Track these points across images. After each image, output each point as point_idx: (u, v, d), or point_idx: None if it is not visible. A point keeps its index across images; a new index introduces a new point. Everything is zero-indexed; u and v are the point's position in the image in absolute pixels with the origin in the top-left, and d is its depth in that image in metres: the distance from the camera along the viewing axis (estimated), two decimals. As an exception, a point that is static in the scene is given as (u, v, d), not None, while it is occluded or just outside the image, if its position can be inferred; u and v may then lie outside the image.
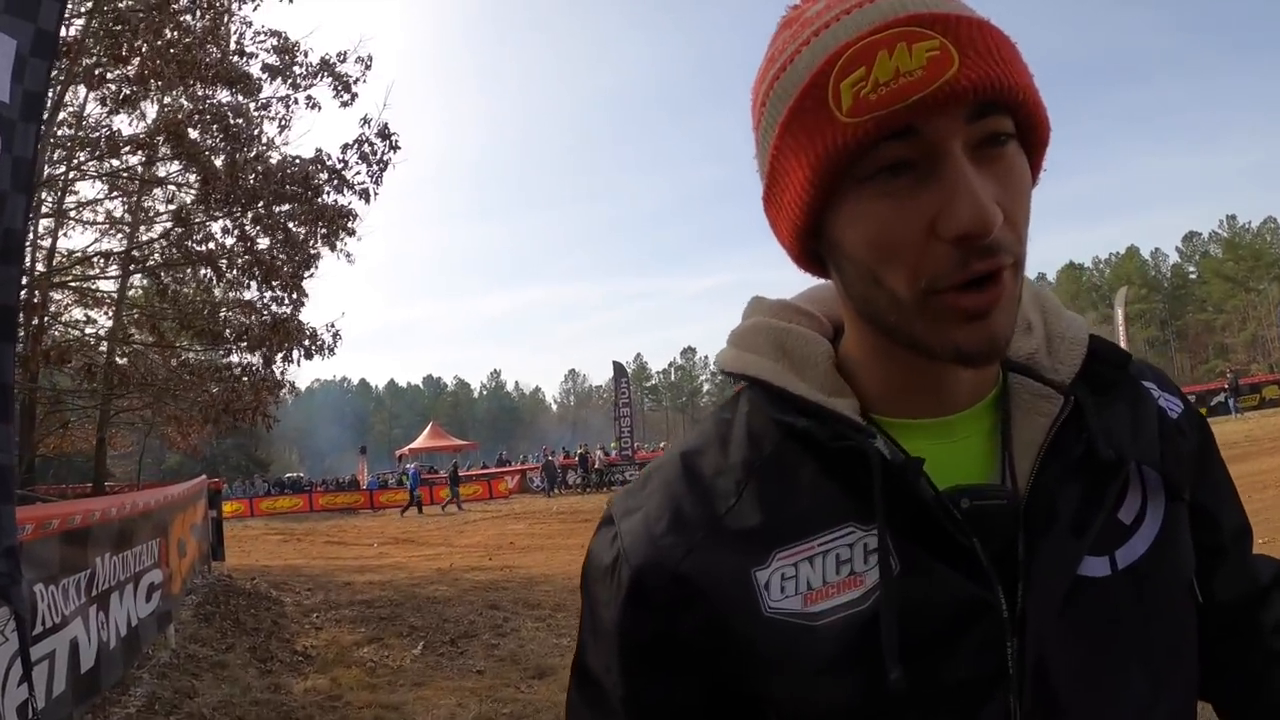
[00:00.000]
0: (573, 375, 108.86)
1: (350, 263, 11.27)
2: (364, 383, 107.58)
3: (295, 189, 9.78)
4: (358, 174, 10.31)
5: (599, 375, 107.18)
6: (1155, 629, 0.59)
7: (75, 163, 9.97)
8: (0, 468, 1.96)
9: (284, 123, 10.46)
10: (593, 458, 27.88)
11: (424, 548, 14.48)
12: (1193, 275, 73.60)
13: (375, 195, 10.40)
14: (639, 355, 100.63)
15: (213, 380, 10.17)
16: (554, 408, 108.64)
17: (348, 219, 10.33)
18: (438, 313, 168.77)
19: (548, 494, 26.34)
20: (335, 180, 10.11)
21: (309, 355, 10.25)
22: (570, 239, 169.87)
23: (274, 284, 10.16)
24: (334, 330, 10.57)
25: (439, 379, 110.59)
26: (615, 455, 29.26)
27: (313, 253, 10.41)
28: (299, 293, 10.42)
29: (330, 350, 10.46)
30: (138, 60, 8.60)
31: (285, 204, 9.95)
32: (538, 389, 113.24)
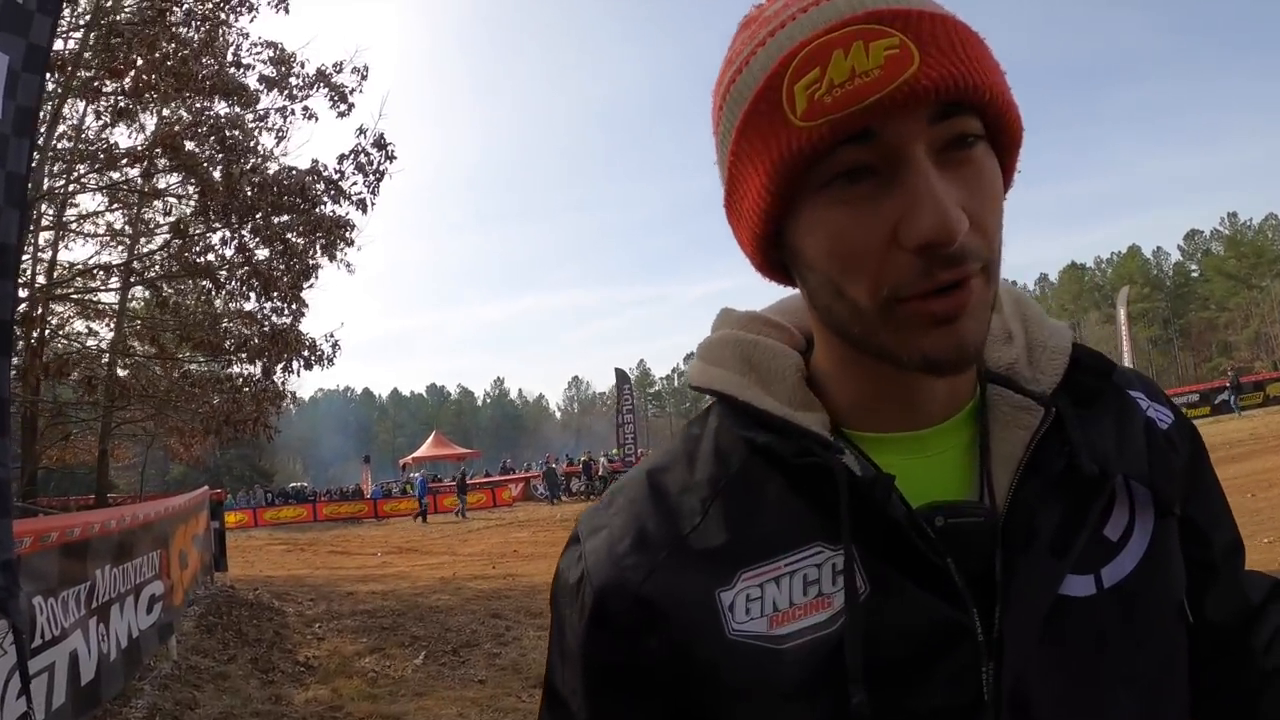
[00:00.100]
0: (576, 382, 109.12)
1: (350, 273, 11.34)
2: (367, 392, 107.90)
3: (293, 200, 9.80)
4: (354, 184, 10.36)
5: (602, 382, 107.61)
6: (1145, 650, 0.56)
7: (75, 175, 10.02)
8: (-4, 482, 1.96)
9: (281, 134, 10.54)
10: (596, 465, 27.85)
11: (427, 556, 14.45)
12: (1195, 273, 73.50)
13: (372, 205, 10.46)
14: (642, 361, 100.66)
15: (214, 391, 10.18)
16: (557, 415, 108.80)
17: (346, 229, 10.36)
18: (438, 321, 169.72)
19: (551, 502, 26.30)
20: (332, 191, 10.14)
21: (308, 365, 10.30)
22: (568, 247, 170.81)
23: (273, 295, 10.17)
24: (333, 341, 10.62)
25: (442, 387, 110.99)
26: (618, 462, 29.21)
27: (312, 263, 10.44)
28: (298, 303, 10.44)
29: (329, 361, 10.51)
30: (134, 73, 8.64)
31: (283, 215, 9.98)
32: (541, 396, 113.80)
